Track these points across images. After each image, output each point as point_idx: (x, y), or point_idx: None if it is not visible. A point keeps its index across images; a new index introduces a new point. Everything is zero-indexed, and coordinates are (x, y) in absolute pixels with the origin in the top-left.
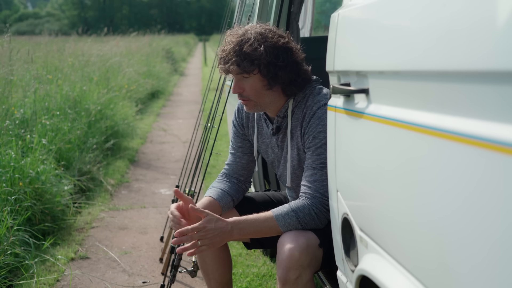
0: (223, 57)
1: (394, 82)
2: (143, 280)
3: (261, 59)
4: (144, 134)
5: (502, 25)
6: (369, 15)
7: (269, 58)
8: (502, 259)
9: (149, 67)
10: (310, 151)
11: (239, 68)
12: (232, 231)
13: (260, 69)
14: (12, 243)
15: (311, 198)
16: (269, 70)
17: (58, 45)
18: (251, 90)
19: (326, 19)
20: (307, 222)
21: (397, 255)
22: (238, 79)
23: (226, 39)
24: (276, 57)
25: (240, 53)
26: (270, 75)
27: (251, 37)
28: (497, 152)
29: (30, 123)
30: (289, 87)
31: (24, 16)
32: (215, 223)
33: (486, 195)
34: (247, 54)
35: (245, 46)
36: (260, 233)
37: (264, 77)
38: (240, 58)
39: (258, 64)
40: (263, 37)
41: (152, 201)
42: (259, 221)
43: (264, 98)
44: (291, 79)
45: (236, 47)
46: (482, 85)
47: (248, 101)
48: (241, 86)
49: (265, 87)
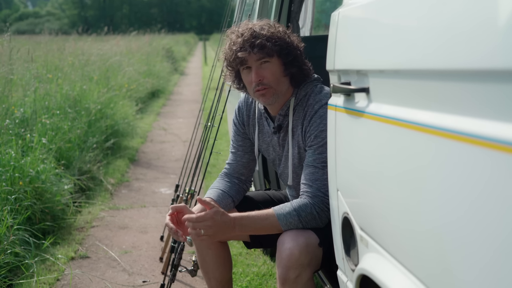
0: (242, 45)
1: (395, 81)
2: (143, 280)
3: (281, 40)
4: (144, 133)
5: (504, 23)
6: (370, 14)
7: (287, 39)
8: (503, 258)
9: (149, 66)
10: (311, 149)
11: (263, 51)
12: (234, 226)
13: (280, 52)
14: (12, 242)
15: (312, 197)
16: (289, 52)
17: (58, 44)
18: (272, 76)
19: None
20: (308, 221)
21: (397, 254)
22: (257, 67)
23: (235, 32)
24: (291, 40)
25: (261, 36)
26: (289, 57)
27: (262, 25)
28: (498, 151)
29: (30, 122)
30: (301, 72)
31: (24, 15)
32: (221, 216)
33: (486, 194)
34: (269, 37)
35: (262, 31)
36: (261, 231)
37: (283, 60)
38: (263, 40)
39: (280, 45)
40: (272, 25)
41: (152, 200)
42: (260, 219)
43: (282, 85)
44: (300, 68)
45: (254, 33)
46: (484, 84)
47: (267, 89)
48: (260, 73)
49: (283, 73)
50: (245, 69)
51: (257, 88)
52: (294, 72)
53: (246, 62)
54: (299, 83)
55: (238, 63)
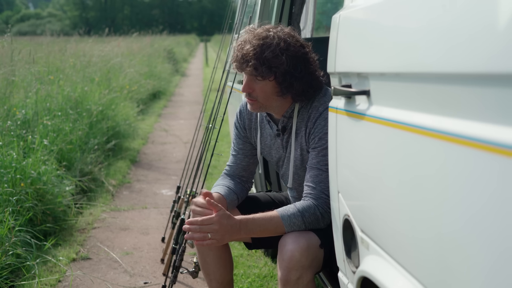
0: (241, 56)
1: (395, 84)
2: (144, 281)
3: (280, 67)
4: (145, 135)
5: (504, 27)
6: (371, 17)
7: (288, 67)
8: (503, 261)
9: (151, 67)
10: (315, 151)
11: (256, 71)
12: (240, 230)
13: (276, 77)
14: (14, 243)
15: (316, 199)
16: (285, 79)
17: (59, 46)
18: (261, 93)
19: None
20: (311, 222)
21: (398, 257)
22: (250, 80)
23: (245, 37)
24: (295, 67)
25: (260, 58)
26: (285, 84)
27: (274, 43)
28: (497, 154)
29: (32, 124)
30: (300, 97)
31: (25, 17)
32: (227, 219)
33: (486, 196)
34: (267, 60)
35: (267, 51)
36: (265, 233)
37: (278, 85)
38: (259, 62)
39: (275, 72)
40: (286, 45)
41: (153, 201)
42: (265, 221)
43: (272, 102)
44: (304, 90)
45: (257, 50)
46: (484, 87)
47: (254, 102)
48: (251, 86)
49: (276, 94)
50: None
51: (246, 96)
52: (294, 92)
53: (242, 71)
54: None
55: (237, 69)
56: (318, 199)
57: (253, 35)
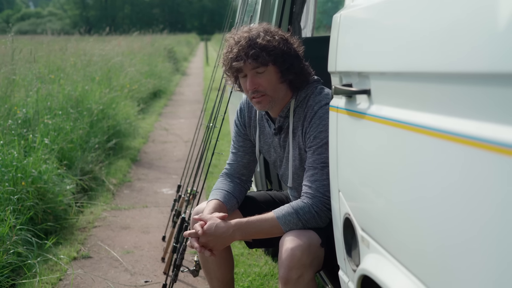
0: (237, 54)
1: (396, 83)
2: (145, 280)
3: (276, 49)
4: (146, 134)
5: (503, 27)
6: (371, 16)
7: (283, 47)
8: (503, 259)
9: (151, 66)
10: (311, 150)
11: (256, 61)
12: (234, 234)
13: (276, 60)
14: (15, 242)
15: (311, 198)
16: (285, 60)
17: (60, 45)
18: (268, 84)
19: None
20: (308, 220)
21: (398, 255)
22: (253, 76)
23: (233, 38)
24: (288, 47)
25: (256, 45)
26: (285, 65)
27: (259, 32)
28: (498, 153)
29: (33, 123)
30: (299, 78)
31: (26, 16)
32: (215, 229)
33: (486, 195)
34: (263, 46)
35: (258, 39)
36: (263, 234)
37: (278, 69)
38: (257, 49)
39: (275, 55)
40: (270, 32)
41: (154, 200)
42: (261, 222)
43: (279, 92)
44: (301, 69)
45: (249, 42)
46: (484, 86)
47: (263, 97)
48: (256, 82)
49: (280, 80)
50: (243, 77)
51: (252, 96)
52: (292, 78)
53: (242, 70)
54: (298, 87)
55: (235, 71)
56: (313, 198)
57: (235, 38)
